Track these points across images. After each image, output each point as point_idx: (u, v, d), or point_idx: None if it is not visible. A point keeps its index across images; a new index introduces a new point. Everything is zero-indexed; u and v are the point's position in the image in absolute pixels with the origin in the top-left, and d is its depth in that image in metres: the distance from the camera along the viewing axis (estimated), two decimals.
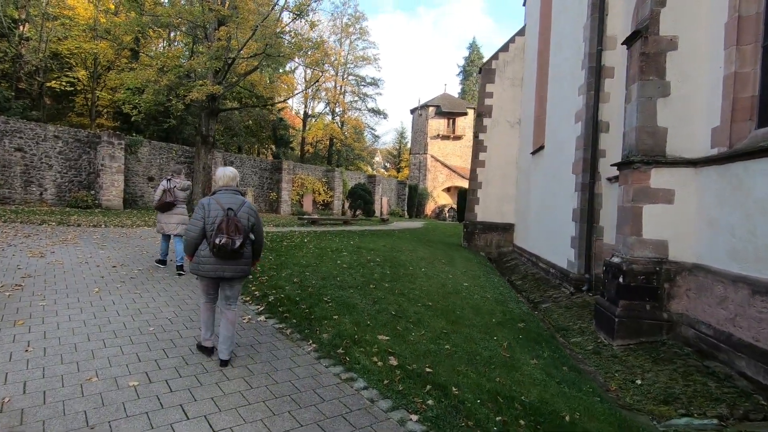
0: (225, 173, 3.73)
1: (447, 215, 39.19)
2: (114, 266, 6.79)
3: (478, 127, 17.70)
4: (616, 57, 8.98)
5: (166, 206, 6.78)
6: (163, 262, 7.15)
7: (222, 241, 3.33)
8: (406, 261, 9.44)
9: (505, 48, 17.58)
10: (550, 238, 11.09)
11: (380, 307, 5.57)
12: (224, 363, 3.53)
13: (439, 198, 40.89)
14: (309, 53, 16.60)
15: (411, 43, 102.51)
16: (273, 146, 41.93)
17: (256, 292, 5.85)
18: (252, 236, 3.62)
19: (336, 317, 4.91)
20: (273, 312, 5.11)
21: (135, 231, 11.23)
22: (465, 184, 39.99)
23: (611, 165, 7.31)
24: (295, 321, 4.79)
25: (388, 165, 66.59)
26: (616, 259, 6.30)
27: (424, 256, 10.86)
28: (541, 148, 12.77)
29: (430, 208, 40.09)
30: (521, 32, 17.38)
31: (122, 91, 14.34)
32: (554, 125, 11.45)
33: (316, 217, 18.15)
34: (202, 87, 12.60)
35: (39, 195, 16.65)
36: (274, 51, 13.99)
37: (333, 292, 6.01)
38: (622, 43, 6.81)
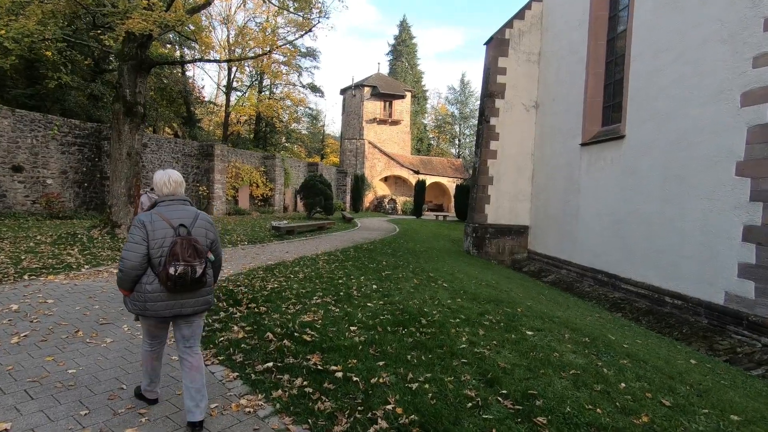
0: (170, 178, 2.64)
1: (387, 207, 35.95)
2: None
3: (489, 110, 14.62)
4: None
5: None
6: None
7: (179, 271, 2.39)
8: (539, 310, 5.92)
9: (520, 15, 14.65)
10: (661, 257, 8.78)
11: None
12: (198, 426, 2.51)
13: (377, 188, 37.38)
14: None
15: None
16: (175, 124, 34.20)
17: None
18: (211, 256, 2.65)
19: None
20: None
21: (64, 293, 5.62)
22: (404, 173, 37.08)
23: None
24: None
25: (297, 149, 60.60)
26: None
27: (524, 295, 7.43)
28: (616, 138, 10.19)
29: (368, 199, 36.36)
30: None
31: None
32: (660, 109, 8.92)
33: (290, 225, 13.35)
34: (148, 12, 6.90)
35: None
36: None
37: None
38: None
